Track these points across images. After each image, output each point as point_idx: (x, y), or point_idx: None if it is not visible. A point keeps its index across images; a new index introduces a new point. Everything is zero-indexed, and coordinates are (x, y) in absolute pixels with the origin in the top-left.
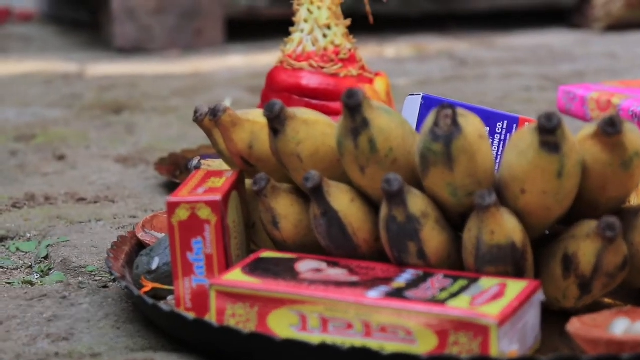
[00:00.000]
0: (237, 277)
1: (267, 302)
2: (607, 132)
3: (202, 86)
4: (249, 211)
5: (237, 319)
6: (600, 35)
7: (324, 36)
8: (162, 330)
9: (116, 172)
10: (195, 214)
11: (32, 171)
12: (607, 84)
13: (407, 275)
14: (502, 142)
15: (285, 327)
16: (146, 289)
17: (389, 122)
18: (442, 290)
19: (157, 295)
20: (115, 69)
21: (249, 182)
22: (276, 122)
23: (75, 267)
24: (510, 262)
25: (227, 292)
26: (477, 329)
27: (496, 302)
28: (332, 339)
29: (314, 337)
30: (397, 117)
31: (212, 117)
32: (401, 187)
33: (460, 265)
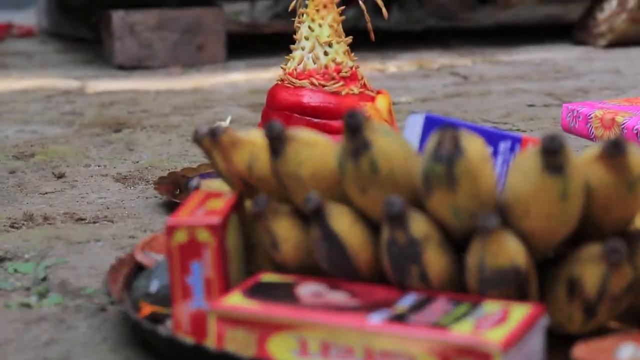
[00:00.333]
0: (237, 301)
1: (267, 327)
2: (611, 153)
3: (202, 103)
4: (249, 233)
5: (237, 344)
6: (604, 50)
7: (325, 54)
8: (160, 354)
9: (115, 191)
10: (194, 237)
11: (31, 190)
12: (611, 101)
13: (409, 298)
14: (505, 163)
15: (285, 352)
16: (145, 313)
17: (390, 144)
18: (445, 314)
19: (156, 318)
20: (115, 85)
21: (248, 203)
22: (276, 143)
23: (73, 289)
24: (513, 286)
25: (226, 317)
26: (481, 355)
27: (500, 327)
28: None
29: None
30: (398, 139)
31: (211, 138)
32: (402, 210)
33: (462, 287)
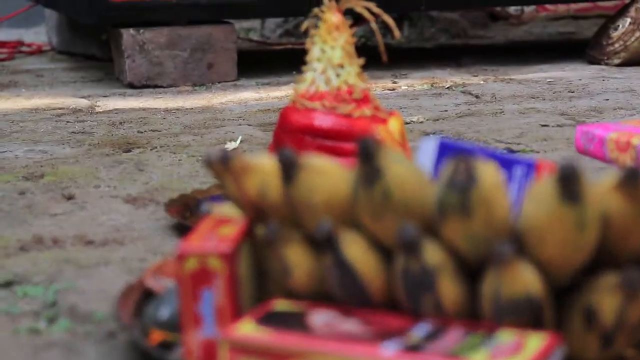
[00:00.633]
0: (249, 330)
1: (280, 357)
2: (629, 182)
3: (213, 122)
4: (260, 259)
5: None
6: (617, 69)
7: (337, 76)
8: None
9: (125, 213)
10: (205, 265)
11: (41, 212)
12: (625, 123)
13: (423, 327)
14: (520, 188)
15: None
16: (155, 340)
17: (403, 171)
18: (460, 343)
19: (166, 345)
20: (125, 104)
21: (259, 229)
22: (288, 170)
23: (82, 314)
24: (529, 315)
25: (238, 346)
26: None
27: (516, 357)
28: None
29: None
30: (412, 166)
31: (223, 163)
32: (417, 238)
33: (477, 315)
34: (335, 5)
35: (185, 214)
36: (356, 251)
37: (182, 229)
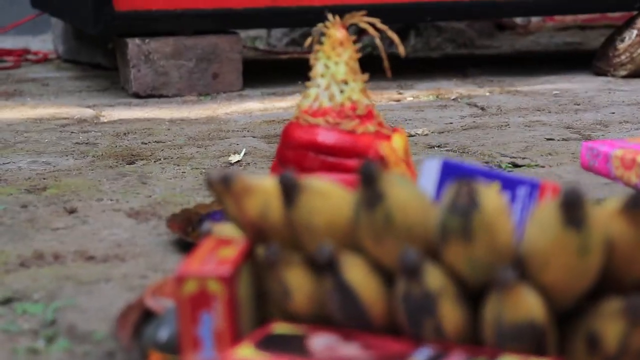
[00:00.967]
0: (248, 354)
1: None
2: (632, 208)
3: (217, 134)
4: (260, 281)
5: None
6: (624, 81)
7: (341, 92)
8: None
9: (127, 228)
10: (204, 288)
11: (42, 226)
12: (631, 140)
13: (424, 351)
14: (523, 209)
15: None
16: None
17: (405, 195)
18: None
19: None
20: (130, 114)
21: (260, 250)
22: (290, 193)
23: (81, 334)
24: (531, 341)
25: None
26: None
27: None
28: None
29: None
30: (414, 189)
31: (224, 184)
32: (418, 262)
33: (478, 340)
34: (339, 20)
35: (187, 229)
36: (357, 274)
37: (184, 245)
